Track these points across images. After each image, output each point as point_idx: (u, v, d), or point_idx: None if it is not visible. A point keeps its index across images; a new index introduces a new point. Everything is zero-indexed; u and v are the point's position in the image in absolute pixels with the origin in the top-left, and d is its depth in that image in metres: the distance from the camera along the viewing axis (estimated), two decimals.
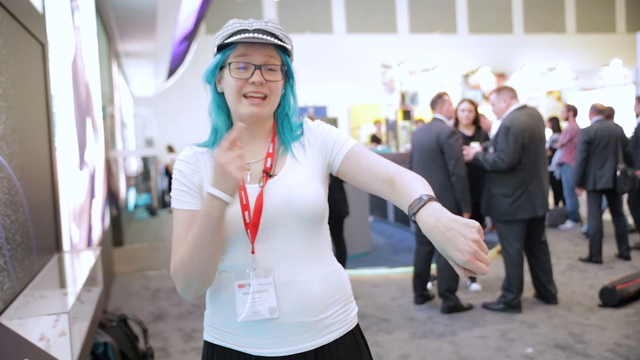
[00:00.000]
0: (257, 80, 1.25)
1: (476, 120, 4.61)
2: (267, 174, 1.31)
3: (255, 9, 16.62)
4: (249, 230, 1.28)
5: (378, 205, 8.25)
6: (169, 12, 6.32)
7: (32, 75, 2.35)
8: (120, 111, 9.32)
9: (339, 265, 1.42)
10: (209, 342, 1.39)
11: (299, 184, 1.31)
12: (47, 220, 2.46)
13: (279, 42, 1.27)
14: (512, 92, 4.13)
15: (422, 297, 4.41)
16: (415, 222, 1.13)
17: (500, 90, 4.17)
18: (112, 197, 6.03)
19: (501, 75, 18.16)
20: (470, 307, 4.23)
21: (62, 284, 2.48)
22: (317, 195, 1.32)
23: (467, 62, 17.89)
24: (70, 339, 1.73)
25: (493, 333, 3.74)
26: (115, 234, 6.44)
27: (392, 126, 12.12)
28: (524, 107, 4.11)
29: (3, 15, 1.89)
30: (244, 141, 1.35)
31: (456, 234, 1.03)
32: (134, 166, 12.65)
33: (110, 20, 6.33)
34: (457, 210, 4.05)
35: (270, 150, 1.34)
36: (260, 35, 1.24)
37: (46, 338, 1.88)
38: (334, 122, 17.55)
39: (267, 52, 1.28)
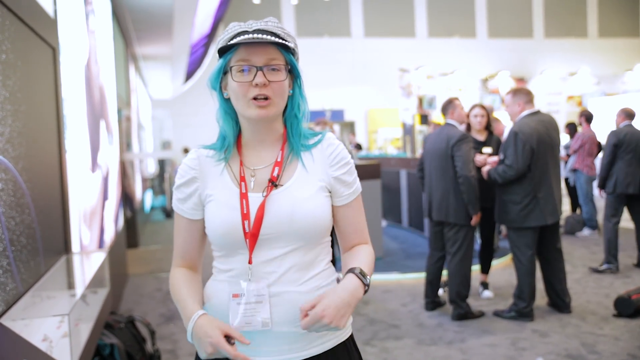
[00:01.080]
0: (260, 81, 1.23)
1: (488, 126, 4.56)
2: (273, 183, 1.29)
3: (273, 13, 16.69)
4: (247, 240, 1.27)
5: (392, 209, 8.21)
6: (185, 16, 6.38)
7: (42, 78, 2.39)
8: (138, 114, 9.42)
9: (335, 277, 1.40)
10: None
11: (304, 198, 1.29)
12: (56, 222, 2.49)
13: (280, 41, 1.25)
14: (528, 96, 4.07)
15: (433, 303, 4.37)
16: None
17: (516, 92, 4.11)
18: (127, 199, 6.09)
19: (520, 80, 17.98)
20: (481, 315, 4.18)
21: (71, 286, 2.51)
22: (322, 212, 1.31)
23: (486, 66, 17.75)
24: (70, 340, 1.75)
25: (503, 341, 3.69)
26: (130, 236, 6.50)
27: (409, 130, 12.08)
28: (537, 112, 4.05)
29: (11, 20, 1.91)
30: (252, 146, 1.35)
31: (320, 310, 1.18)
32: (151, 168, 12.77)
33: (127, 23, 6.41)
34: (467, 215, 4.02)
35: (279, 159, 1.32)
36: (259, 35, 1.23)
37: (49, 339, 1.90)
38: (351, 125, 17.54)
39: (268, 52, 1.25)
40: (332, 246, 1.47)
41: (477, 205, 3.99)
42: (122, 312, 4.60)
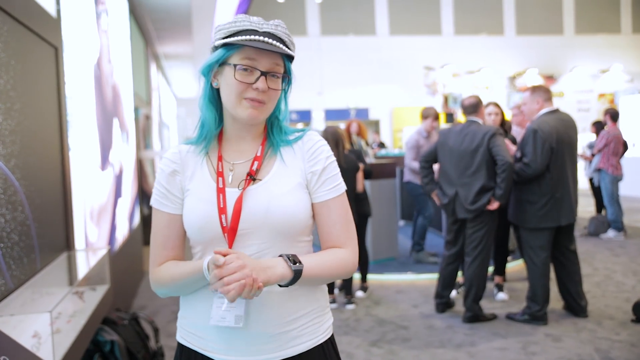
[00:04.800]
0: (261, 87, 1.23)
1: (502, 124, 4.46)
2: (251, 177, 1.28)
3: (298, 11, 16.72)
4: (226, 234, 1.26)
5: (410, 209, 8.12)
6: (203, 15, 6.42)
7: (42, 77, 2.42)
8: (160, 112, 9.54)
9: None
10: (181, 344, 1.39)
11: (281, 194, 1.27)
12: (56, 219, 2.52)
13: (288, 51, 1.25)
14: (546, 94, 3.97)
15: (444, 304, 4.30)
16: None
17: (534, 89, 4.01)
18: (144, 196, 6.16)
19: (549, 78, 17.64)
20: (493, 317, 4.09)
21: (72, 282, 2.54)
22: (299, 208, 1.28)
23: (513, 64, 17.46)
24: (52, 337, 1.76)
25: (514, 345, 3.60)
26: (147, 233, 6.57)
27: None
28: (556, 111, 3.94)
29: (3, 19, 1.94)
30: (233, 140, 1.34)
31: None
32: None
33: (146, 23, 6.48)
34: (490, 212, 3.96)
35: (259, 154, 1.32)
36: (270, 41, 1.21)
37: (39, 335, 1.92)
38: (376, 124, 17.45)
39: (274, 58, 1.25)
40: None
41: (508, 195, 3.91)
42: (135, 308, 4.66)
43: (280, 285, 1.22)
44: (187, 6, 5.96)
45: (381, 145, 11.68)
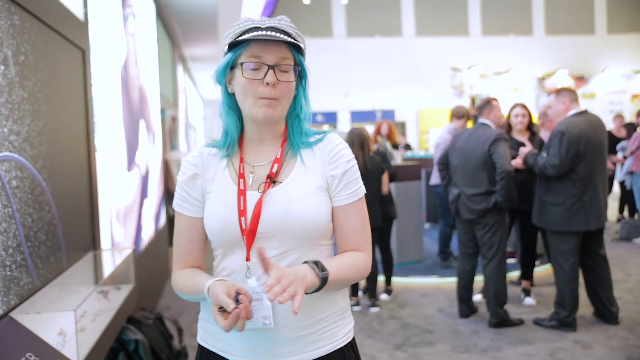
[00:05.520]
0: (270, 80, 1.21)
1: (530, 126, 4.38)
2: (271, 179, 1.28)
3: (324, 13, 16.72)
4: (245, 237, 1.25)
5: (437, 211, 8.04)
6: (229, 17, 6.46)
7: (70, 80, 2.46)
8: (186, 114, 9.64)
9: None
10: (201, 345, 1.40)
11: (300, 197, 1.26)
12: (82, 219, 2.56)
13: (293, 41, 1.22)
14: (572, 95, 3.88)
15: (467, 309, 4.23)
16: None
17: (560, 91, 3.93)
18: (170, 197, 6.23)
19: (580, 79, 17.28)
20: (520, 322, 4.01)
21: (97, 281, 2.57)
22: (318, 211, 1.27)
23: (543, 64, 17.16)
24: (77, 336, 1.78)
25: (541, 351, 3.52)
26: (173, 234, 6.63)
27: None
28: (584, 112, 3.85)
29: (32, 23, 1.98)
30: (254, 143, 1.34)
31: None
32: None
33: (173, 25, 6.56)
34: (498, 211, 3.89)
35: (278, 156, 1.31)
36: (273, 33, 1.20)
37: (64, 333, 1.95)
38: (402, 126, 17.34)
39: (280, 51, 1.23)
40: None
41: (509, 202, 3.85)
42: (161, 308, 4.71)
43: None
44: (213, 9, 6.01)
45: (407, 147, 11.59)
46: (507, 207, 3.88)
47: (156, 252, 4.86)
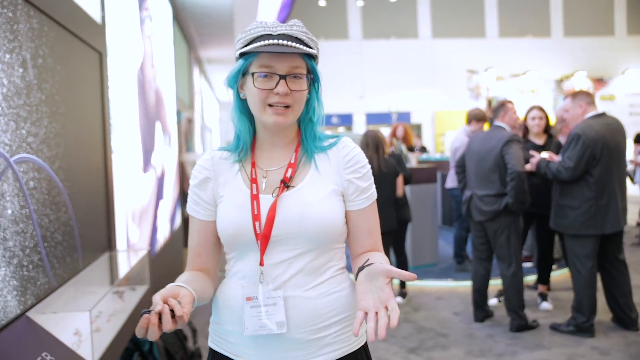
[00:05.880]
0: (282, 91, 1.21)
1: (547, 129, 4.33)
2: (285, 184, 1.28)
3: (339, 15, 16.73)
4: (259, 241, 1.25)
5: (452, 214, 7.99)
6: (245, 20, 6.49)
7: (87, 82, 2.48)
8: (202, 116, 9.69)
9: (349, 283, 1.36)
10: (212, 349, 1.40)
11: (315, 201, 1.26)
12: (98, 219, 2.58)
13: (305, 49, 1.21)
14: (588, 97, 3.84)
15: (482, 313, 4.19)
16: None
17: (576, 95, 3.89)
18: (185, 199, 6.27)
19: (599, 81, 17.07)
20: (536, 325, 3.97)
21: (112, 282, 2.59)
22: (333, 215, 1.27)
23: (561, 66, 16.99)
24: (92, 336, 1.79)
25: (558, 357, 3.48)
26: (188, 235, 6.67)
27: None
28: (602, 115, 3.80)
29: (50, 26, 2.00)
30: (266, 147, 1.34)
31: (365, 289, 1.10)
32: None
33: (190, 28, 6.60)
34: (510, 213, 3.84)
35: (292, 160, 1.31)
36: (285, 42, 1.19)
37: (79, 333, 1.97)
38: (417, 128, 17.27)
39: (292, 60, 1.22)
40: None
41: (522, 205, 3.81)
42: None
43: None
44: (229, 11, 6.04)
45: (423, 149, 11.54)
46: (519, 209, 3.83)
47: (171, 253, 4.89)
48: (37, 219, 1.83)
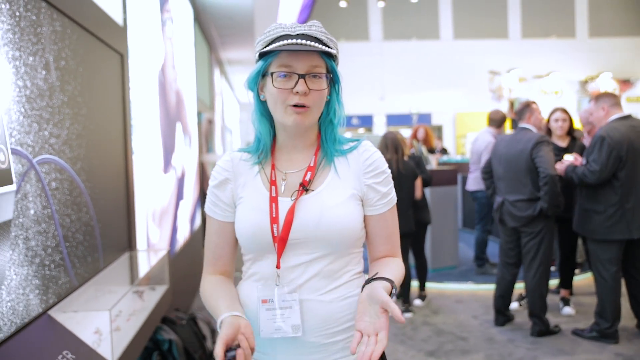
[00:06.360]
0: (301, 90, 1.21)
1: (571, 131, 4.26)
2: (304, 187, 1.27)
3: (360, 16, 16.70)
4: (276, 244, 1.25)
5: (473, 217, 7.91)
6: (266, 22, 6.52)
7: (108, 83, 2.51)
8: (223, 117, 9.76)
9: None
10: None
11: (333, 205, 1.26)
12: (119, 220, 2.61)
13: (324, 48, 1.21)
14: (613, 99, 3.76)
15: (503, 317, 4.14)
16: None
17: (599, 97, 3.82)
18: (205, 199, 6.31)
19: (625, 82, 16.76)
20: (558, 331, 3.91)
21: (132, 281, 2.62)
22: (352, 219, 1.27)
23: (585, 68, 16.72)
24: (111, 335, 1.81)
25: None
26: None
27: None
28: (628, 117, 3.72)
29: (73, 29, 2.03)
30: (286, 150, 1.34)
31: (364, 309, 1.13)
32: None
33: (210, 30, 6.65)
34: (545, 217, 3.79)
35: (312, 164, 1.31)
36: (303, 42, 1.19)
37: (100, 332, 1.99)
38: (438, 130, 17.15)
39: (311, 59, 1.22)
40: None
41: (558, 208, 3.74)
42: (195, 309, 4.76)
43: None
44: (250, 13, 6.07)
45: (443, 151, 11.45)
46: (554, 213, 3.76)
47: (191, 254, 4.93)
48: (59, 219, 1.86)
